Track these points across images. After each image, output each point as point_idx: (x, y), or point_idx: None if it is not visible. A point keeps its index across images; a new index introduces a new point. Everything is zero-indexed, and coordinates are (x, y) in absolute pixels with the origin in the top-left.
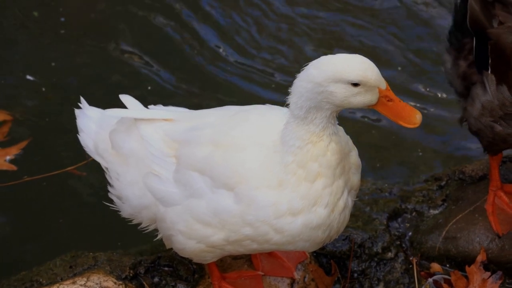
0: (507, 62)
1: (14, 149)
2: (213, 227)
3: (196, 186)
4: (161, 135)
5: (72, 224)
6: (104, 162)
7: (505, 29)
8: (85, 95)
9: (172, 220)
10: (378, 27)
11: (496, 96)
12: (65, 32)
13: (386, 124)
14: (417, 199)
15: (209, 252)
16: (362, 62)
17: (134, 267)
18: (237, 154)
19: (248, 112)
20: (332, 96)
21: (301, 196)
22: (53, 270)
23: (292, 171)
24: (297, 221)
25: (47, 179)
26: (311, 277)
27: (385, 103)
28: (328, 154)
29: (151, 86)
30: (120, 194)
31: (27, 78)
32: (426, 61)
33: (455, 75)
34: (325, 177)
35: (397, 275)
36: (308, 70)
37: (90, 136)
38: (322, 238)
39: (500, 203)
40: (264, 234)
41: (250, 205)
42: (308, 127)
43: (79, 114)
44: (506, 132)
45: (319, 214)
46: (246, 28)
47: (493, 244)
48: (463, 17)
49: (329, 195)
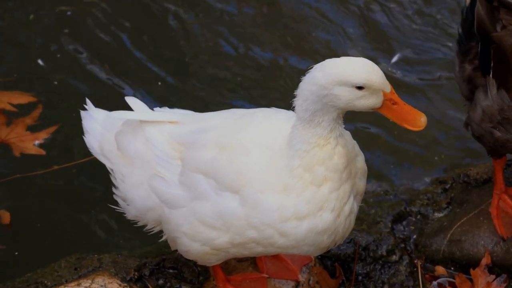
0: (507, 64)
1: (43, 133)
2: (217, 230)
3: (201, 188)
4: (166, 138)
5: (77, 226)
6: (109, 163)
7: (507, 32)
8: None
9: (177, 222)
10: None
11: (496, 101)
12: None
13: (390, 126)
14: (422, 202)
15: (214, 254)
16: (366, 65)
17: (139, 269)
18: (242, 157)
19: (253, 115)
20: (336, 99)
21: (307, 200)
22: (57, 272)
23: (299, 175)
24: (303, 225)
25: (53, 177)
26: (315, 280)
27: (389, 106)
28: (335, 158)
29: (155, 88)
30: (125, 196)
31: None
32: (434, 62)
33: (461, 78)
34: (331, 181)
35: (402, 278)
36: (313, 73)
37: (96, 138)
38: (327, 243)
39: (505, 206)
40: (269, 237)
41: (255, 208)
42: (315, 130)
43: (84, 115)
44: (504, 137)
45: (325, 219)
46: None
47: (497, 247)
48: (470, 23)
49: (336, 199)
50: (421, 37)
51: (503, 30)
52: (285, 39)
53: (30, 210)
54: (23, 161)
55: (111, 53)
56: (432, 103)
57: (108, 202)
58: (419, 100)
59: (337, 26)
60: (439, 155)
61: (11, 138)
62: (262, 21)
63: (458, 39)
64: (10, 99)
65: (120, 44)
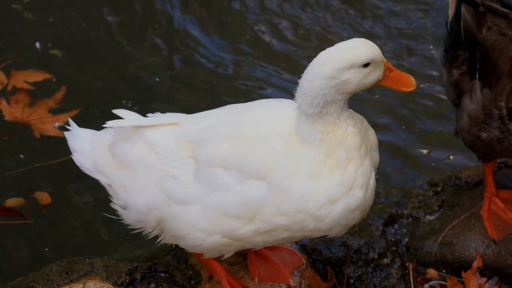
0: (490, 63)
1: (64, 116)
2: (241, 219)
3: (221, 181)
4: (171, 139)
5: (68, 230)
6: (105, 178)
7: (491, 32)
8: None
9: (189, 219)
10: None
11: (479, 100)
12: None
13: (381, 128)
14: (413, 204)
15: (230, 245)
16: (365, 42)
17: (130, 273)
18: (263, 144)
19: (257, 106)
20: (347, 84)
21: (337, 183)
22: (49, 276)
23: (322, 163)
24: (337, 207)
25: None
26: (307, 283)
27: (388, 75)
28: (349, 138)
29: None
30: (126, 204)
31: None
32: (426, 62)
33: (448, 83)
34: (354, 160)
35: (393, 281)
36: (316, 69)
37: (86, 155)
38: (357, 219)
39: (496, 209)
40: (300, 222)
41: (285, 194)
42: (324, 119)
43: (69, 136)
44: (490, 137)
45: (357, 196)
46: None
47: (489, 250)
48: (456, 33)
49: (362, 175)
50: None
51: (488, 31)
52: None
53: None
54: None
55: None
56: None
57: (99, 204)
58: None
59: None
60: (431, 157)
61: (32, 119)
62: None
63: (444, 49)
64: (25, 77)
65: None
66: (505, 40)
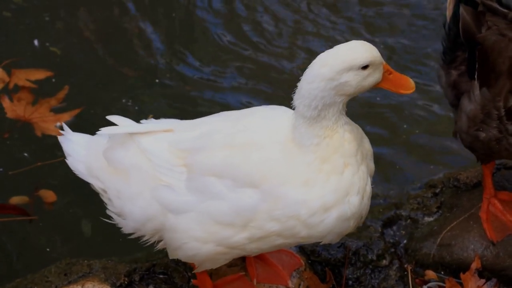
0: (489, 62)
1: (65, 115)
2: (235, 227)
3: (215, 190)
4: (165, 146)
5: (68, 232)
6: (100, 182)
7: (490, 31)
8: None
9: (185, 228)
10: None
11: (478, 100)
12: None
13: (379, 130)
14: (412, 206)
15: (225, 254)
16: (364, 44)
17: (129, 274)
18: (257, 153)
19: (252, 113)
20: (346, 86)
21: (333, 189)
22: (47, 278)
23: (317, 169)
24: (331, 215)
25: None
26: (306, 285)
27: (387, 77)
28: (346, 144)
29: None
30: (122, 211)
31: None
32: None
33: (446, 84)
34: (351, 165)
35: (392, 283)
36: (314, 71)
37: (80, 159)
38: (352, 228)
39: (494, 210)
40: (291, 228)
41: (278, 201)
42: (321, 123)
43: (62, 140)
44: (488, 137)
45: (353, 202)
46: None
47: (487, 251)
48: (455, 34)
49: (359, 181)
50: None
51: (487, 30)
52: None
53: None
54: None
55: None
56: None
57: (97, 206)
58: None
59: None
60: (429, 159)
61: (34, 117)
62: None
63: (442, 51)
64: (27, 75)
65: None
66: (505, 40)
